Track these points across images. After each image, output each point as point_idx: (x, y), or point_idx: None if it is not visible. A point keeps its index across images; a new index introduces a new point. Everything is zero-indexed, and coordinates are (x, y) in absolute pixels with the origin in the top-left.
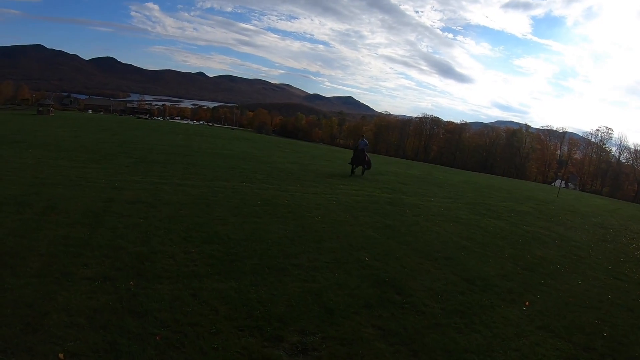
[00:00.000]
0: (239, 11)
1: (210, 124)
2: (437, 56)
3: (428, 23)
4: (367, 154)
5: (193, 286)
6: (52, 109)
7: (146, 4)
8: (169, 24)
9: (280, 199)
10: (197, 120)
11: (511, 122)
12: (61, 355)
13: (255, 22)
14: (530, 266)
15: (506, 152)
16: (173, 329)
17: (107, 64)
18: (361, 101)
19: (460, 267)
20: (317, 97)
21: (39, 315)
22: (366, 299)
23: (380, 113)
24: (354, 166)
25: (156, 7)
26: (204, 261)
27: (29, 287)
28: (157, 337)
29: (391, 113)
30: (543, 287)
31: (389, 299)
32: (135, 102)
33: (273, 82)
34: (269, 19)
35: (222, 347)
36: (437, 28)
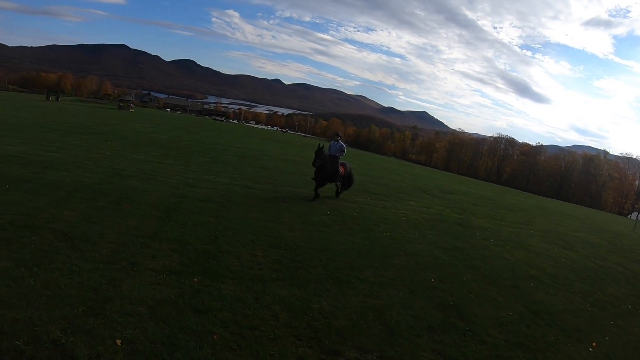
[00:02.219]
0: (317, 21)
1: (284, 130)
2: (514, 74)
3: (506, 40)
4: (343, 163)
5: (256, 289)
6: (132, 105)
7: (227, 10)
8: (248, 31)
9: (349, 210)
10: (272, 126)
11: (589, 147)
12: (118, 342)
13: (332, 32)
14: (600, 304)
15: (582, 179)
16: (232, 330)
17: (186, 66)
18: (435, 117)
19: (527, 298)
20: (391, 110)
21: (102, 300)
22: (429, 321)
23: (454, 130)
24: (319, 185)
25: (236, 14)
26: (269, 266)
27: (96, 272)
28: (215, 337)
29: (465, 131)
30: (612, 327)
31: (452, 324)
32: (212, 104)
33: (348, 92)
34: (346, 30)
35: (278, 355)
36: (515, 45)
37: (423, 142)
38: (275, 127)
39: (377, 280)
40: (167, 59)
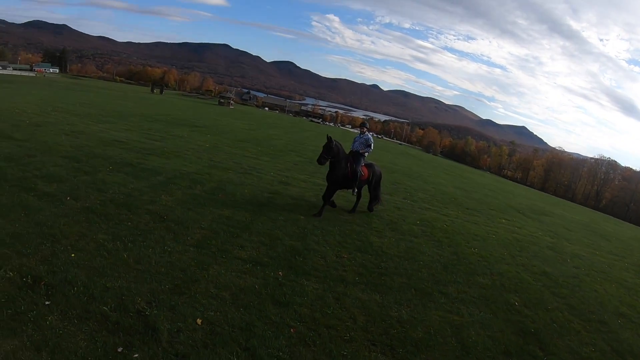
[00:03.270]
0: (417, 28)
1: (380, 136)
2: (620, 91)
3: (612, 53)
4: (369, 164)
5: (338, 290)
6: (232, 102)
7: (327, 15)
8: (348, 36)
9: (439, 223)
10: (368, 131)
11: None
12: (199, 321)
13: (432, 40)
14: None
15: None
16: (309, 326)
17: (286, 68)
18: (534, 132)
19: (613, 336)
20: (489, 122)
21: (189, 281)
22: (506, 345)
23: (553, 148)
24: (331, 190)
25: (336, 18)
26: (353, 269)
27: (186, 254)
28: (292, 330)
29: (565, 149)
30: None
31: (530, 352)
32: (310, 106)
33: (446, 102)
34: (446, 38)
35: (351, 356)
36: (622, 59)
37: (520, 159)
38: (371, 133)
39: (459, 296)
40: (268, 60)
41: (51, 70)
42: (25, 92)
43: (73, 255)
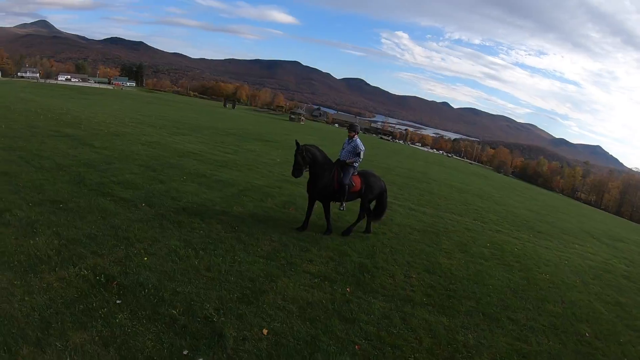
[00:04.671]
0: (487, 44)
1: (450, 155)
2: None
3: None
4: (363, 173)
5: (405, 310)
6: (303, 117)
7: (396, 32)
8: (417, 52)
9: (510, 246)
10: (437, 149)
11: None
12: (265, 331)
13: (502, 55)
14: None
15: None
16: (374, 344)
17: (356, 85)
18: (609, 152)
19: None
20: (562, 142)
21: (257, 291)
22: None
23: (630, 169)
24: (311, 203)
25: (405, 35)
26: (421, 289)
27: (256, 265)
28: (357, 347)
29: None
30: None
31: None
32: (380, 123)
33: (518, 120)
34: (517, 53)
35: None
36: None
37: (594, 180)
38: (441, 151)
39: (528, 323)
40: (338, 77)
41: (128, 83)
42: (103, 104)
43: (146, 258)
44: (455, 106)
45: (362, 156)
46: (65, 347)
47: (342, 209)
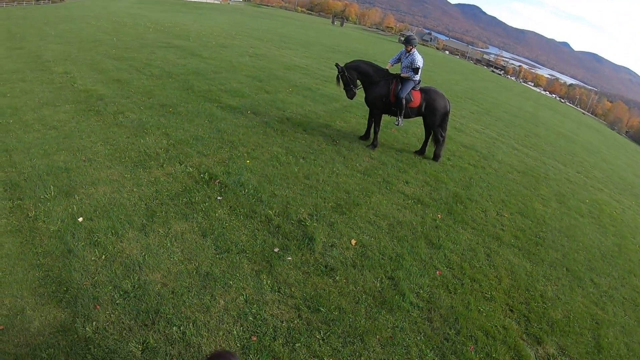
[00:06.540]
0: None
1: (563, 100)
2: None
3: None
4: (425, 89)
5: (491, 247)
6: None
7: None
8: None
9: (610, 208)
10: (550, 92)
11: None
12: (353, 242)
13: None
14: None
15: None
16: (454, 273)
17: (471, 12)
18: None
19: None
20: None
21: (351, 204)
22: None
23: None
24: (377, 114)
25: None
26: (511, 230)
27: (352, 179)
28: (438, 272)
29: None
30: None
31: None
32: (493, 56)
33: None
34: None
35: (486, 313)
36: None
37: None
38: (554, 95)
39: (609, 291)
40: (453, 2)
41: None
42: (212, 18)
43: (248, 161)
44: (576, 48)
45: (419, 75)
46: (167, 233)
47: (397, 123)
